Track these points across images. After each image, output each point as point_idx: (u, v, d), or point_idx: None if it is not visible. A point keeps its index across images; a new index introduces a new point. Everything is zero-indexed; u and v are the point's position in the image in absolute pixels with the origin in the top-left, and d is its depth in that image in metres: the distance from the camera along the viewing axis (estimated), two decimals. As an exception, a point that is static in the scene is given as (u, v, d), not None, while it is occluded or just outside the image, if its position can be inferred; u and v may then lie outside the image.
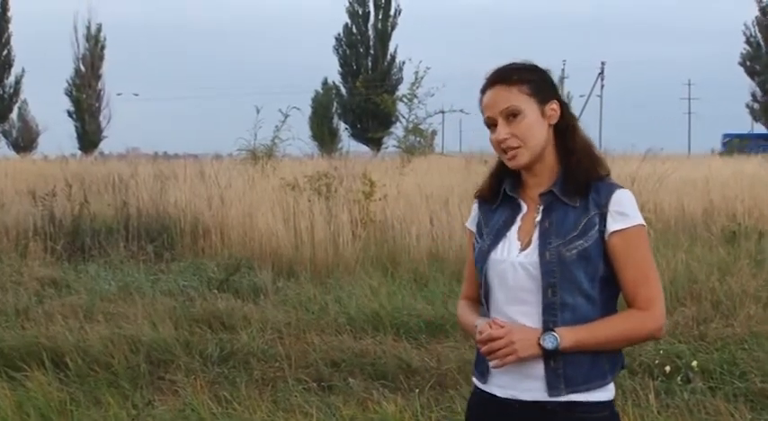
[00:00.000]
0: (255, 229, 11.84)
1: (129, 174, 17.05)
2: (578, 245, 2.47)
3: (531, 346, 2.42)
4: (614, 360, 2.53)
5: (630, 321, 2.49)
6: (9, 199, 15.31)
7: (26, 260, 10.98)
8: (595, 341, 2.46)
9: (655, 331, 2.53)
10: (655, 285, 2.51)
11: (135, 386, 5.98)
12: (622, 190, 2.53)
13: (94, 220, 13.01)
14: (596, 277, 2.49)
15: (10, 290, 8.94)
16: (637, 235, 2.49)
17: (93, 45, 66.24)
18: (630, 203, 2.52)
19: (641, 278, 2.49)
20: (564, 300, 2.47)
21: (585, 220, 2.49)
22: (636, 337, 2.56)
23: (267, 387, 5.98)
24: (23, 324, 7.42)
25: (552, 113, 2.54)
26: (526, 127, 2.51)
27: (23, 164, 26.57)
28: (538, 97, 2.53)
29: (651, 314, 2.49)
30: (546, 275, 2.47)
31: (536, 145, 2.52)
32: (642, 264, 2.50)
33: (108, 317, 7.65)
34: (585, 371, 2.47)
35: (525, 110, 2.51)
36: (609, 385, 2.51)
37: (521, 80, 2.52)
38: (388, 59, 64.73)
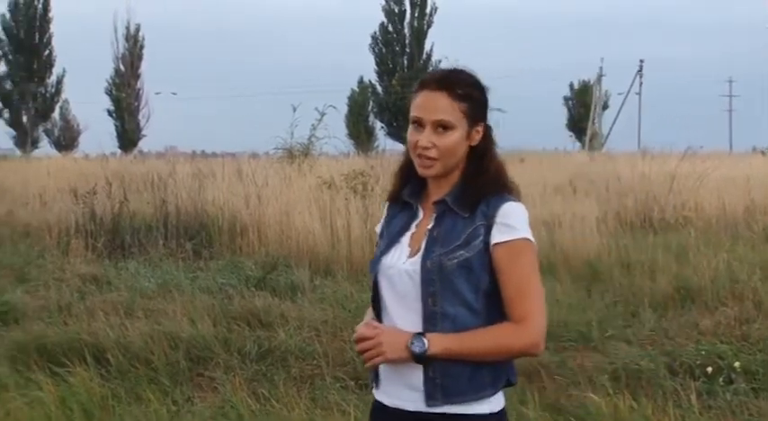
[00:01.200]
0: (292, 228, 11.89)
1: (167, 173, 17.15)
2: (459, 254, 2.45)
3: (399, 349, 2.41)
4: (498, 373, 2.50)
5: (501, 335, 2.44)
6: (51, 197, 15.52)
7: (68, 257, 11.11)
8: (464, 350, 2.42)
9: (528, 347, 2.44)
10: (533, 301, 2.45)
11: (175, 382, 6.03)
12: (513, 203, 2.50)
13: (134, 218, 13.13)
14: (479, 289, 2.46)
15: (53, 286, 9.05)
16: (519, 248, 2.45)
17: (132, 45, 66.86)
18: (518, 216, 2.48)
19: (518, 293, 2.44)
20: (444, 310, 2.44)
21: (470, 230, 2.47)
22: (506, 351, 2.47)
23: (305, 384, 6.01)
24: (66, 320, 7.50)
25: (476, 135, 2.55)
26: (451, 143, 2.51)
27: (65, 162, 26.85)
28: (470, 118, 2.53)
29: (524, 329, 2.43)
30: (426, 284, 2.46)
31: (452, 161, 2.53)
32: (522, 278, 2.45)
33: (148, 314, 7.72)
34: (464, 383, 2.45)
35: (457, 126, 2.51)
36: (490, 398, 2.48)
37: (463, 97, 2.52)
38: (424, 58, 64.67)
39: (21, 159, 30.24)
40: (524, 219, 2.48)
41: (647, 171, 15.89)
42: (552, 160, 25.88)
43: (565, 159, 27.76)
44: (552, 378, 6.05)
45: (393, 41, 65.07)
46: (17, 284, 9.44)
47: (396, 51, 65.01)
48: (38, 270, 10.31)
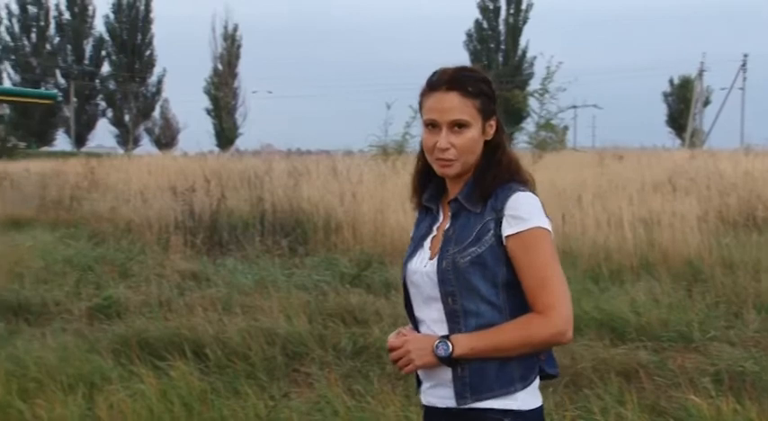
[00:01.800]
0: (386, 225, 11.92)
1: (263, 171, 17.40)
2: (471, 251, 2.44)
3: (426, 355, 2.44)
4: (527, 367, 2.47)
5: (527, 327, 2.41)
6: (152, 194, 15.87)
7: (168, 253, 11.35)
8: (490, 347, 2.41)
9: (555, 336, 2.41)
10: (555, 290, 2.41)
11: (271, 378, 6.10)
12: (521, 192, 2.47)
13: (231, 215, 13.33)
14: (497, 283, 2.45)
15: (153, 282, 9.26)
16: (533, 238, 2.42)
17: (230, 44, 68.08)
18: (528, 206, 2.45)
19: (539, 283, 2.41)
20: (466, 308, 2.45)
21: (480, 226, 2.46)
22: (535, 343, 2.43)
23: (399, 381, 6.01)
24: (166, 315, 7.66)
25: (490, 130, 2.55)
26: (469, 141, 2.51)
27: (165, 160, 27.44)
28: (484, 113, 2.52)
29: (549, 319, 2.40)
30: (443, 283, 2.47)
31: (470, 159, 2.53)
32: (540, 268, 2.42)
33: (245, 310, 7.83)
34: (491, 379, 2.44)
35: (473, 124, 2.51)
36: (518, 393, 2.45)
37: (475, 93, 2.51)
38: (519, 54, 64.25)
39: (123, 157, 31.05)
40: (536, 208, 2.45)
41: (751, 168, 15.46)
42: (651, 157, 25.35)
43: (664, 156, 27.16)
44: (651, 378, 5.94)
45: (488, 38, 64.83)
46: (120, 280, 9.68)
47: (490, 48, 64.75)
48: (139, 266, 10.55)
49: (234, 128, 66.67)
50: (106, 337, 7.02)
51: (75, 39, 72.80)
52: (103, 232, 13.44)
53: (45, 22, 72.61)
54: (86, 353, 6.46)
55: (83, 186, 18.71)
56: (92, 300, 8.57)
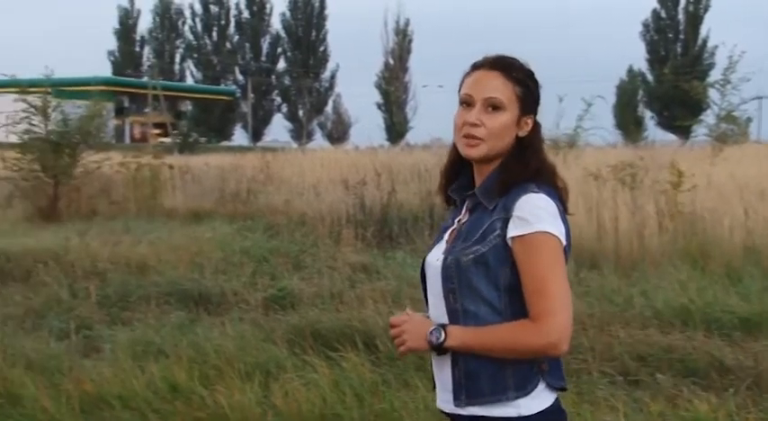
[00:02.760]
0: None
1: (433, 164, 17.47)
2: (475, 250, 2.37)
3: (419, 338, 2.40)
4: (524, 375, 2.36)
5: (518, 332, 2.32)
6: (324, 188, 16.21)
7: (339, 246, 11.56)
8: (481, 345, 2.35)
9: (546, 347, 2.30)
10: (551, 298, 2.30)
11: (441, 370, 6.11)
12: (533, 194, 2.36)
13: (401, 209, 13.45)
14: (500, 285, 2.36)
15: (326, 274, 9.45)
16: (536, 242, 2.31)
17: (401, 39, 68.81)
18: (536, 209, 2.34)
19: (535, 289, 2.31)
20: (465, 307, 2.38)
21: (488, 225, 2.38)
22: (525, 350, 2.33)
23: (571, 378, 5.91)
24: (338, 307, 7.81)
25: (525, 126, 2.46)
26: (499, 124, 2.42)
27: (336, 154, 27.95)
28: (523, 104, 2.45)
29: (539, 328, 2.29)
30: (445, 280, 2.41)
31: (498, 145, 2.44)
32: (539, 273, 2.31)
33: (415, 303, 7.88)
34: (483, 384, 2.38)
35: (508, 109, 2.43)
36: (515, 401, 2.36)
37: (518, 80, 2.44)
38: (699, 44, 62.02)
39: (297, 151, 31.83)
40: (545, 212, 2.34)
41: None
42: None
43: None
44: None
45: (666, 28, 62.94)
46: (293, 271, 9.92)
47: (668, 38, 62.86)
48: (312, 258, 10.78)
49: (404, 122, 67.32)
50: (281, 327, 7.21)
51: (254, 36, 75.31)
52: (278, 224, 13.80)
53: (225, 21, 75.47)
54: (262, 343, 6.65)
55: (259, 180, 19.27)
56: (267, 290, 8.83)
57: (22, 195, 16.78)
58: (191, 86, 72.55)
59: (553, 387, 2.41)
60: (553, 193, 2.41)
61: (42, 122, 16.63)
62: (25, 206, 16.65)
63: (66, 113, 17.07)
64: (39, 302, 8.35)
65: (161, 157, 19.37)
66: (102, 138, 18.43)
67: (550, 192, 2.40)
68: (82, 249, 10.90)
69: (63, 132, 16.73)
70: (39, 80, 17.57)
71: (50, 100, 16.91)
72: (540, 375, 2.38)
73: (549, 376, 2.40)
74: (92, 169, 16.92)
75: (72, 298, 8.49)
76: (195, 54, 76.06)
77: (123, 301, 8.55)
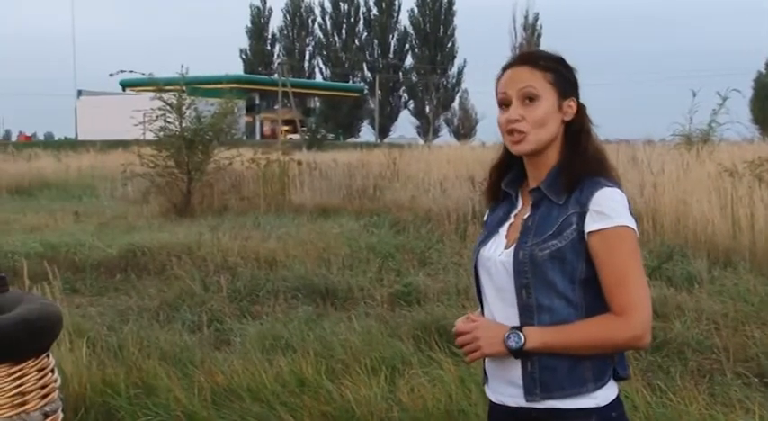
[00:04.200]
0: (689, 217, 11.44)
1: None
2: (552, 245, 2.34)
3: (496, 344, 2.35)
4: (601, 367, 2.35)
5: (603, 327, 2.31)
6: (450, 184, 16.19)
7: (465, 242, 11.53)
8: (564, 344, 2.32)
9: (631, 340, 2.31)
10: (633, 291, 2.29)
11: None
12: (608, 188, 2.34)
13: (527, 205, 13.32)
14: (575, 279, 2.34)
15: (451, 270, 9.45)
16: (617, 236, 2.30)
17: (529, 34, 68.24)
18: (613, 203, 2.32)
19: (617, 282, 2.30)
20: (540, 302, 2.34)
21: (563, 219, 2.35)
22: (609, 345, 2.33)
23: (703, 379, 5.77)
24: (463, 303, 7.79)
25: (569, 110, 2.43)
26: (540, 113, 2.40)
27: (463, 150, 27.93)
28: (559, 89, 2.42)
29: (625, 321, 2.28)
30: (518, 275, 2.37)
31: (544, 135, 2.41)
32: (621, 267, 2.30)
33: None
34: (562, 378, 2.34)
35: (544, 96, 2.40)
36: (594, 392, 2.33)
37: (547, 67, 2.42)
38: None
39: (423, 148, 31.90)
40: (622, 206, 2.33)
41: None
42: None
43: None
44: None
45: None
46: (419, 267, 9.95)
47: (807, 28, 60.25)
48: (437, 254, 10.79)
49: (530, 117, 66.73)
50: (406, 323, 7.24)
51: (382, 33, 75.88)
52: (404, 221, 13.87)
53: (354, 19, 76.28)
54: (388, 338, 6.69)
55: (385, 176, 19.41)
56: (393, 286, 8.87)
57: (158, 191, 17.32)
58: (319, 83, 73.60)
59: (619, 376, 2.41)
60: (621, 187, 2.40)
61: (177, 120, 17.11)
62: (160, 202, 17.19)
63: (200, 111, 17.53)
64: (172, 295, 8.60)
65: (290, 154, 19.69)
66: (233, 134, 18.87)
67: (620, 186, 2.40)
68: (214, 244, 11.18)
69: (196, 129, 17.18)
70: (174, 79, 18.09)
71: (185, 98, 17.39)
72: (613, 365, 2.38)
73: (618, 367, 2.40)
74: (223, 165, 17.33)
75: (204, 291, 8.72)
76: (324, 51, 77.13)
77: (253, 295, 8.74)
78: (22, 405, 1.73)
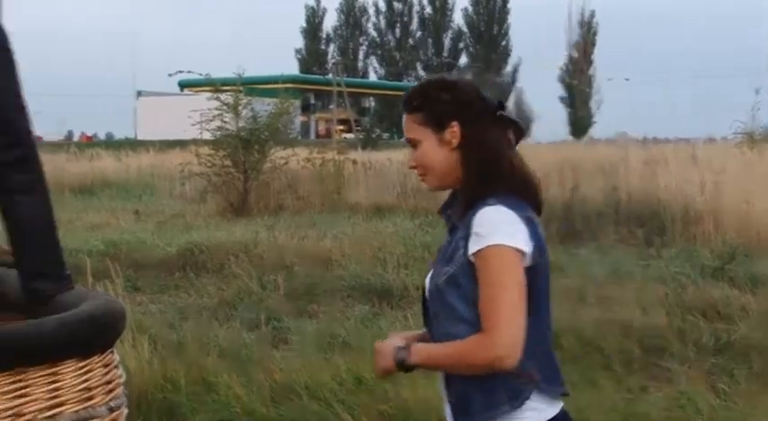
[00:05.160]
0: (753, 215, 11.25)
1: (618, 159, 17.07)
2: (446, 271, 2.38)
3: (388, 359, 2.42)
4: (514, 388, 2.32)
5: (467, 347, 2.31)
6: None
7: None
8: (436, 361, 2.39)
9: (492, 360, 2.25)
10: (497, 311, 2.26)
11: (628, 371, 5.96)
12: (488, 207, 2.32)
13: (585, 205, 13.20)
14: (472, 302, 2.31)
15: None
16: (488, 256, 2.28)
17: (585, 31, 67.54)
18: (489, 222, 2.30)
19: (486, 302, 2.28)
20: (447, 330, 2.37)
21: (454, 244, 2.39)
22: (472, 363, 2.30)
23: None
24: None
25: (452, 138, 2.44)
26: (422, 155, 2.47)
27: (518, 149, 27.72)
28: (432, 124, 2.45)
29: (485, 341, 2.26)
30: (432, 305, 2.44)
31: (438, 171, 2.46)
32: (488, 287, 2.28)
33: (600, 301, 7.72)
34: (477, 402, 2.36)
35: (422, 139, 2.46)
36: (513, 413, 2.33)
37: (416, 108, 2.48)
38: None
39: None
40: (498, 224, 2.30)
41: None
42: None
43: None
44: None
45: None
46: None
47: None
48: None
49: (588, 116, 66.04)
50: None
51: (436, 32, 75.81)
52: (459, 221, 13.78)
53: (408, 18, 76.27)
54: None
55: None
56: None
57: (215, 190, 17.45)
58: (374, 83, 73.71)
59: (551, 395, 2.38)
60: (516, 201, 2.36)
61: (234, 120, 17.23)
62: (217, 201, 17.33)
63: (256, 111, 17.64)
64: (230, 293, 8.66)
65: (345, 153, 19.72)
66: (289, 134, 18.96)
67: (512, 201, 2.35)
68: (270, 243, 11.23)
69: (253, 129, 17.27)
70: (231, 79, 18.22)
71: (242, 98, 17.51)
72: (532, 385, 2.35)
73: (544, 383, 2.36)
74: (279, 165, 17.41)
75: (261, 290, 8.77)
76: (378, 51, 77.22)
77: (309, 294, 8.76)
78: (89, 399, 1.75)
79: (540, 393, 2.36)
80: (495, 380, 2.33)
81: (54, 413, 1.69)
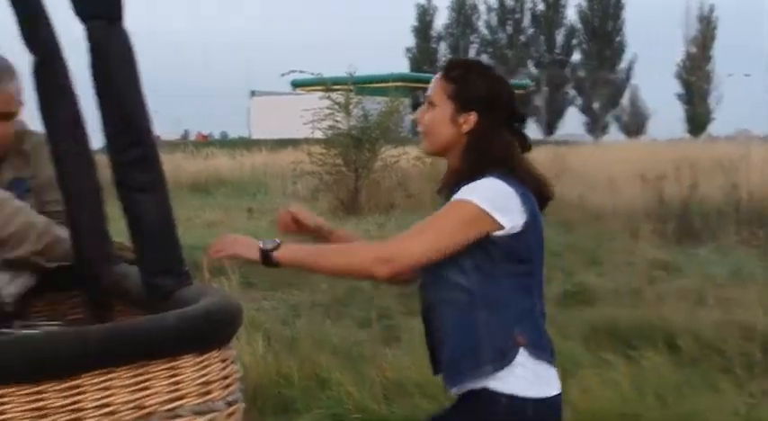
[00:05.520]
0: None
1: (738, 157, 16.56)
2: None
3: (250, 247, 2.50)
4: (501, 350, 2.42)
5: (356, 247, 2.51)
6: (621, 182, 15.80)
7: (637, 241, 11.22)
8: (314, 258, 2.45)
9: (370, 261, 2.35)
10: (411, 234, 2.41)
11: (750, 374, 5.77)
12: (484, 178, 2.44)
13: (704, 203, 12.86)
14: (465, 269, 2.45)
15: (623, 270, 9.22)
16: (453, 203, 2.43)
17: (704, 26, 65.86)
18: (474, 184, 2.43)
19: (418, 224, 2.43)
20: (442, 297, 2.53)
21: None
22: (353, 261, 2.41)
23: None
24: (636, 303, 7.58)
25: (463, 123, 2.55)
26: (431, 121, 2.59)
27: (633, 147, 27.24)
28: (455, 102, 2.55)
29: (378, 245, 2.45)
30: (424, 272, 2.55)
31: (438, 142, 2.59)
32: (425, 221, 2.45)
33: (719, 303, 7.50)
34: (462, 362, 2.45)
35: (439, 105, 2.58)
36: (496, 374, 2.42)
37: (452, 79, 2.58)
38: None
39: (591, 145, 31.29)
40: (481, 187, 2.42)
41: None
42: None
43: None
44: None
45: None
46: (589, 266, 9.75)
47: None
48: (608, 253, 10.55)
49: (706, 113, 64.39)
50: (575, 323, 7.10)
51: (548, 29, 75.00)
52: (572, 219, 13.61)
53: (520, 14, 75.69)
54: (557, 338, 6.56)
55: (552, 174, 19.13)
56: (562, 285, 8.72)
57: (326, 189, 17.63)
58: (485, 81, 73.28)
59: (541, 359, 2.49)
60: (513, 180, 2.45)
61: (345, 119, 17.36)
62: (329, 199, 17.49)
63: (367, 110, 17.73)
64: (342, 291, 8.73)
65: (456, 151, 19.65)
66: (399, 133, 19.00)
67: (508, 179, 2.45)
68: (381, 241, 11.27)
69: (364, 128, 17.37)
70: (342, 78, 18.36)
71: (352, 97, 17.62)
72: (518, 348, 2.44)
73: (530, 347, 2.46)
74: (390, 163, 17.47)
75: (373, 288, 8.80)
76: (489, 48, 76.81)
77: (420, 292, 8.75)
78: (208, 394, 1.78)
79: (528, 357, 2.45)
80: (481, 340, 2.43)
81: (174, 406, 1.72)
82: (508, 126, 2.59)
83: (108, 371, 1.65)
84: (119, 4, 1.83)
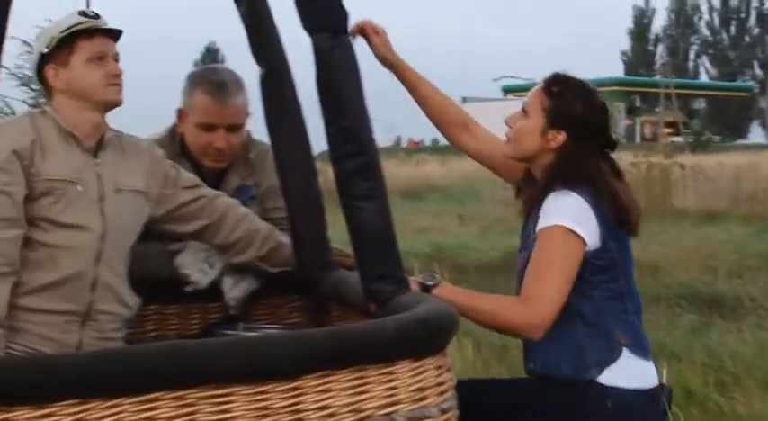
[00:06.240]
0: None
1: None
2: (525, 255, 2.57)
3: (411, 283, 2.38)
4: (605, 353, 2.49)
5: (503, 305, 2.49)
6: None
7: None
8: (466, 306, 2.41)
9: (523, 327, 2.45)
10: (542, 283, 2.43)
11: None
12: (558, 193, 2.48)
13: None
14: None
15: None
16: (546, 234, 2.45)
17: None
18: (556, 204, 2.47)
19: (533, 272, 2.45)
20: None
21: (527, 232, 2.61)
22: (500, 322, 2.48)
23: None
24: None
25: (551, 140, 2.58)
26: (521, 129, 2.62)
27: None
28: (550, 117, 2.57)
29: (524, 307, 2.45)
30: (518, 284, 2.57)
31: (522, 150, 2.63)
32: (541, 260, 2.45)
33: None
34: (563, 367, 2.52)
35: (532, 116, 2.59)
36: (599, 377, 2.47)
37: (551, 93, 2.59)
38: None
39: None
40: (567, 207, 2.46)
41: None
42: None
43: None
44: None
45: None
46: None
47: None
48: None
49: None
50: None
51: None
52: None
53: (746, 14, 72.38)
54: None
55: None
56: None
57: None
58: (704, 83, 70.51)
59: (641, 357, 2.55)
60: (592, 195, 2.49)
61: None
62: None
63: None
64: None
65: (672, 157, 19.07)
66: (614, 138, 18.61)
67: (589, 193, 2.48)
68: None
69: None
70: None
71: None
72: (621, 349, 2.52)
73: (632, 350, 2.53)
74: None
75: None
76: (711, 50, 73.84)
77: (636, 301, 8.55)
78: (422, 400, 1.81)
79: (630, 354, 2.53)
80: (586, 349, 2.49)
81: (390, 411, 1.75)
82: (598, 150, 2.66)
83: (327, 373, 1.71)
84: (344, 18, 1.90)
